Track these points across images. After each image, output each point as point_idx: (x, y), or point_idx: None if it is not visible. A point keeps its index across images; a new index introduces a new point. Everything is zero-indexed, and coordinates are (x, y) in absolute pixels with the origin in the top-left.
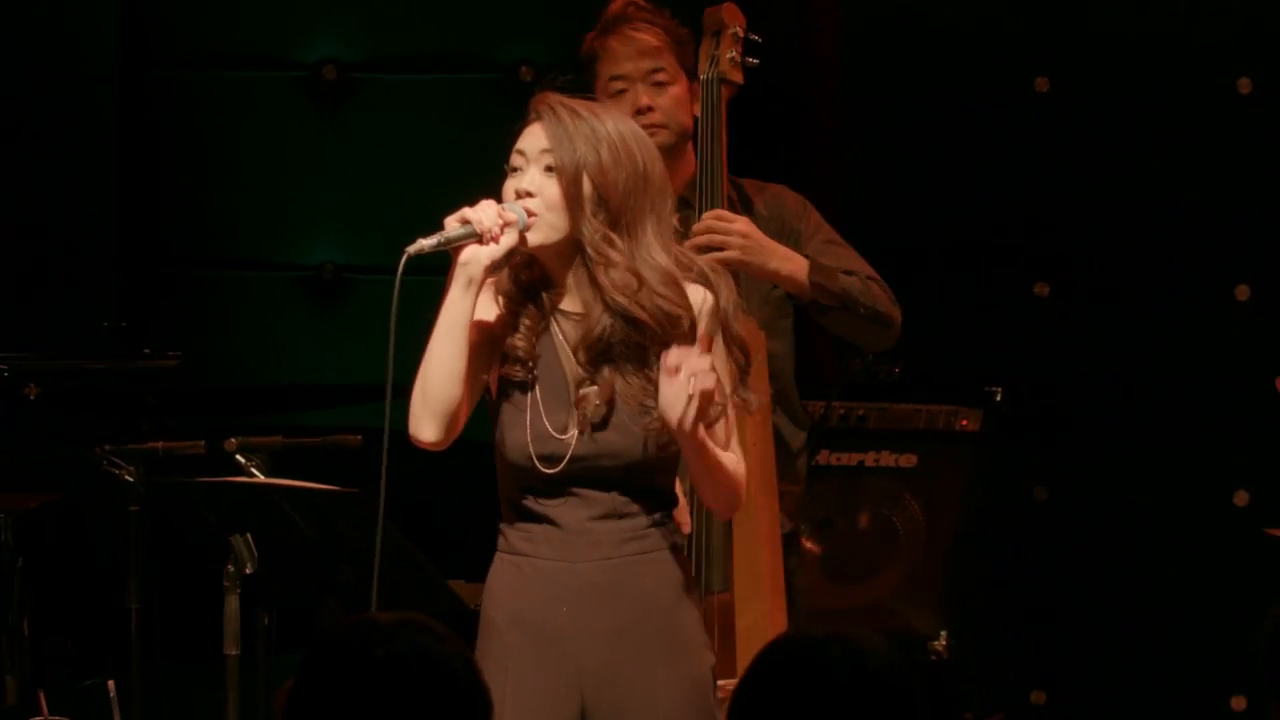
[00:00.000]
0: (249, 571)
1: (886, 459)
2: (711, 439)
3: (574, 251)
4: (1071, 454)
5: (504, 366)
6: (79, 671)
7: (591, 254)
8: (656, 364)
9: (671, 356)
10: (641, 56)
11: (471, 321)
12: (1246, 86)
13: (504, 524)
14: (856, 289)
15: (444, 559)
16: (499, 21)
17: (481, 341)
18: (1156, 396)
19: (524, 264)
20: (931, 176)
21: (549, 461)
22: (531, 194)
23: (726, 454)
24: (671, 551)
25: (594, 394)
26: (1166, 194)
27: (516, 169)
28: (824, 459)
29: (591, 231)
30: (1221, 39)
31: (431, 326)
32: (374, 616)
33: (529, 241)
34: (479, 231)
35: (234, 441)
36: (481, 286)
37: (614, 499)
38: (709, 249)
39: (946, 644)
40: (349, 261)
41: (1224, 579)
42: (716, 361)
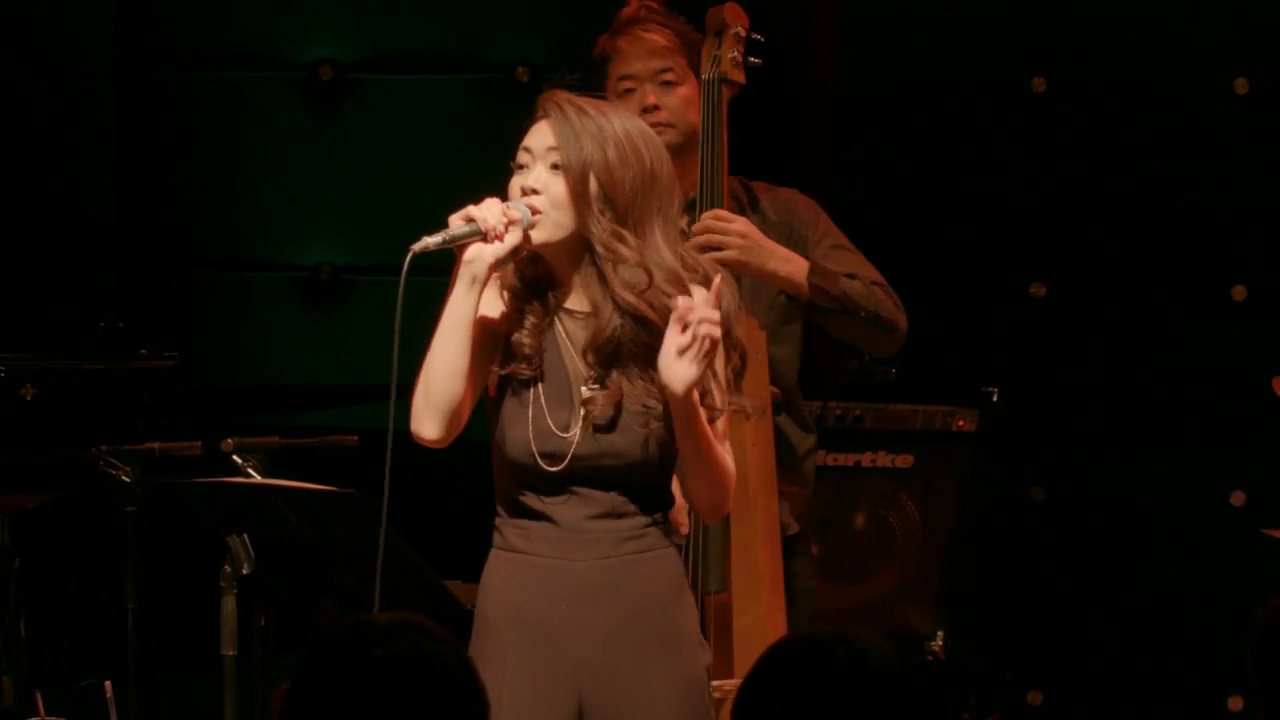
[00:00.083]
0: (246, 572)
1: (883, 459)
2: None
3: (580, 249)
4: (1068, 454)
5: (507, 363)
6: (76, 672)
7: (601, 251)
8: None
9: (681, 301)
10: (650, 56)
11: (475, 319)
12: (1243, 87)
13: (500, 520)
14: (858, 293)
15: (441, 559)
16: (496, 22)
17: (484, 338)
18: (1153, 397)
19: (529, 260)
20: (928, 177)
21: (551, 459)
22: (537, 191)
23: (720, 446)
24: (668, 551)
25: (602, 397)
26: (1163, 194)
27: (522, 166)
28: (820, 459)
29: (600, 229)
30: (1219, 39)
31: (435, 324)
32: (371, 617)
33: (533, 239)
34: (483, 229)
35: (231, 442)
36: (485, 285)
37: (613, 498)
38: (708, 249)
39: (943, 644)
40: (346, 262)
41: (1221, 579)
42: (716, 362)
